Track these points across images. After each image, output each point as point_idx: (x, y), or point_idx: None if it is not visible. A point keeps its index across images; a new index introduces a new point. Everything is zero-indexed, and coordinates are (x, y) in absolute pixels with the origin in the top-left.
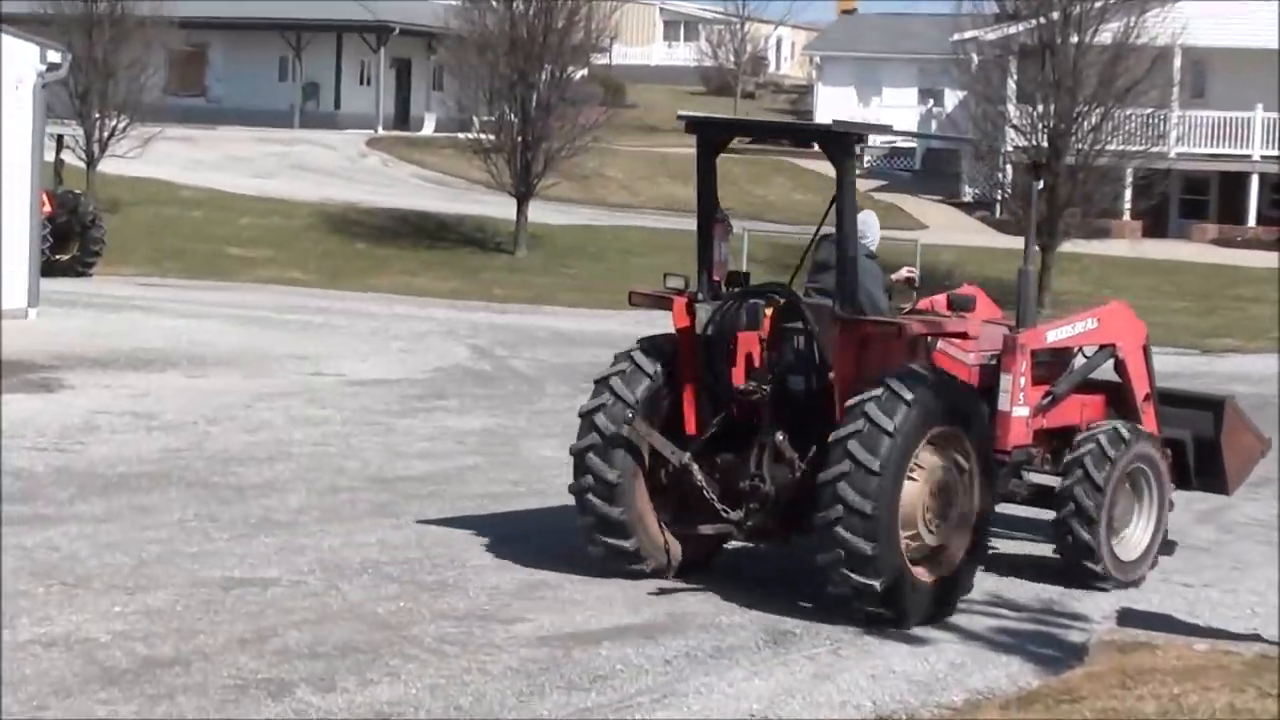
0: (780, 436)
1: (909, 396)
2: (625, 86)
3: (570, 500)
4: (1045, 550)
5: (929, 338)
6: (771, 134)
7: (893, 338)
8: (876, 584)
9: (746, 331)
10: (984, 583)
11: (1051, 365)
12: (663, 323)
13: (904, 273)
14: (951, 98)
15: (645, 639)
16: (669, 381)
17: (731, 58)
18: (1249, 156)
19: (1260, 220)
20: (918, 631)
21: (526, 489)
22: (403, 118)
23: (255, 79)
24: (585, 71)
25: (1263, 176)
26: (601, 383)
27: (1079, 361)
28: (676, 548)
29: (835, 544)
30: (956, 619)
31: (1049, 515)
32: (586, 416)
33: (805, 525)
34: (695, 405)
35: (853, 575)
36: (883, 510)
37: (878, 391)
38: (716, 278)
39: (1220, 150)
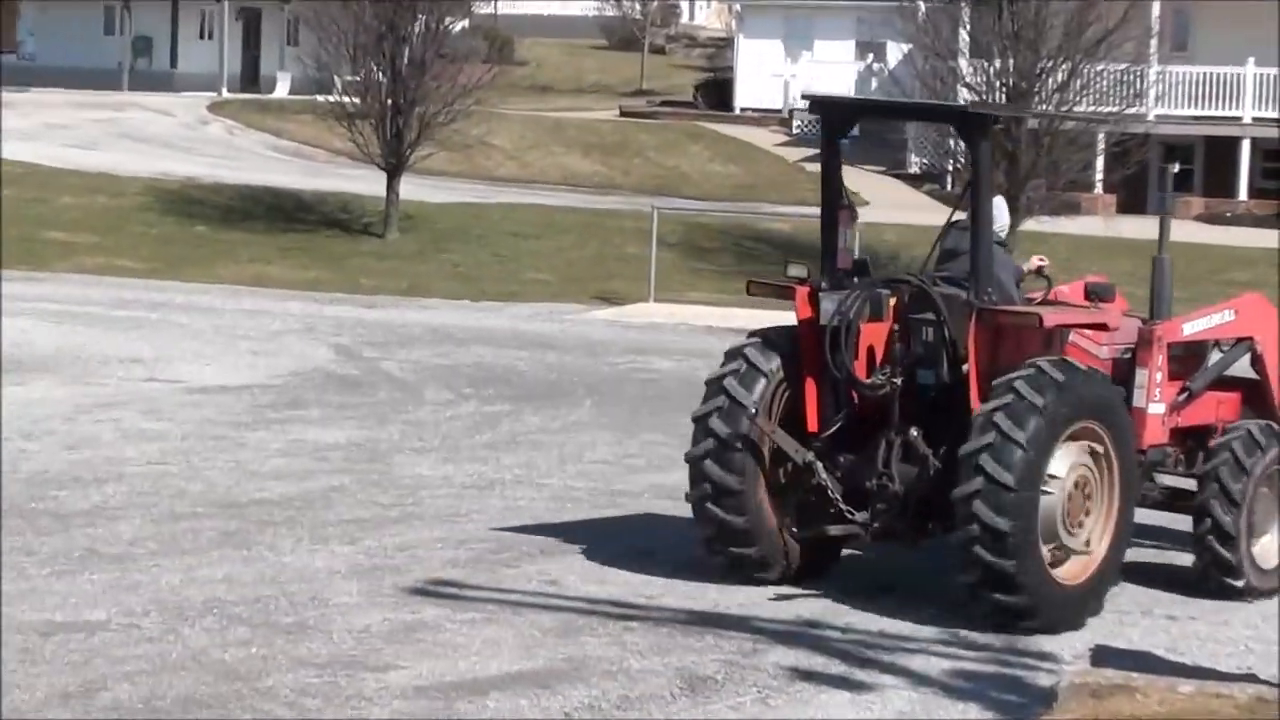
0: (915, 433)
1: (1040, 402)
2: (514, 40)
3: (455, 523)
4: None
5: (1065, 329)
6: (901, 115)
7: (1030, 329)
8: (1021, 600)
9: (873, 323)
10: (937, 617)
11: (1185, 360)
12: (543, 316)
13: (1035, 261)
14: (895, 52)
15: (540, 688)
16: (786, 377)
17: (637, 6)
18: (1239, 119)
19: (1253, 193)
20: (860, 676)
21: (400, 513)
22: (251, 78)
23: (76, 33)
24: (466, 22)
25: (1255, 142)
26: (714, 384)
27: (1214, 356)
28: (796, 551)
29: (974, 565)
30: (905, 660)
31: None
32: (701, 421)
33: (936, 527)
34: (818, 401)
35: (996, 595)
36: (1021, 525)
37: (1007, 399)
38: (841, 266)
39: (1206, 112)
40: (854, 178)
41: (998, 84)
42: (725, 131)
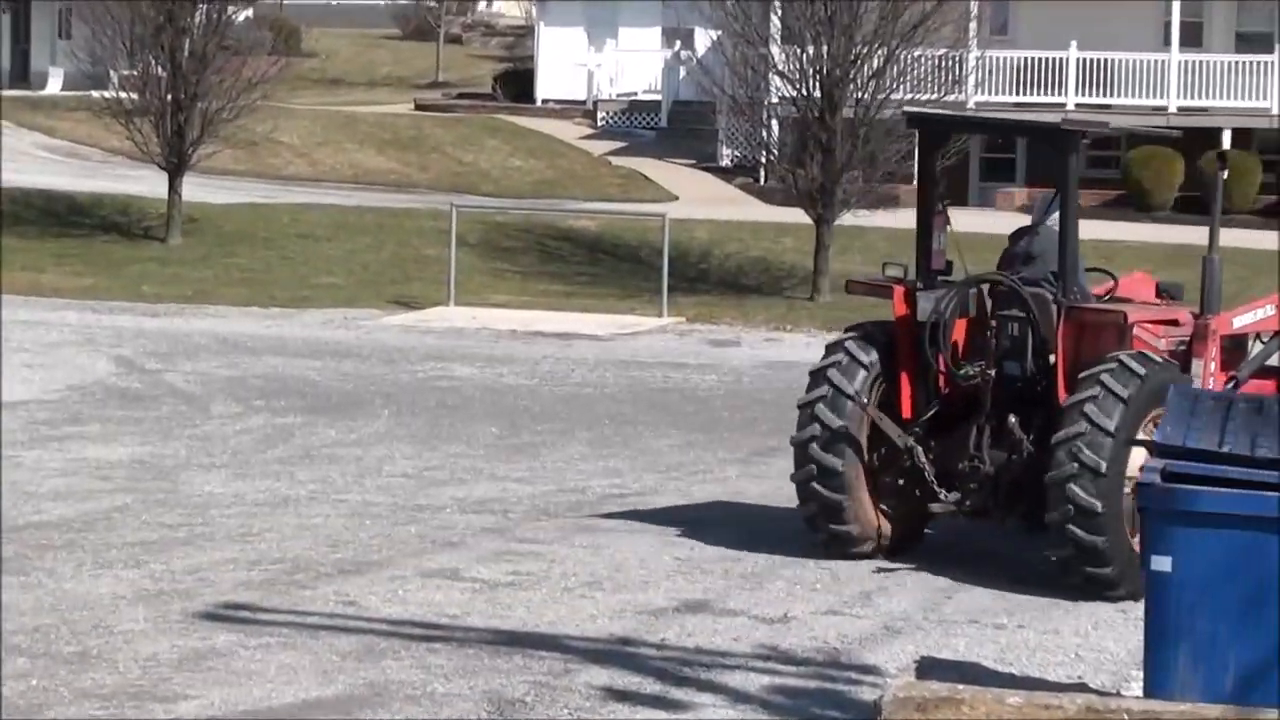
0: (1012, 420)
1: (1125, 394)
2: (301, 30)
3: (247, 543)
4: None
5: (1138, 325)
6: (994, 132)
7: (1113, 326)
8: (1110, 572)
9: (965, 319)
10: (754, 631)
11: (1231, 351)
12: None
13: None
14: (703, 39)
15: (341, 715)
16: (882, 369)
17: None
18: (1063, 105)
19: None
20: (676, 694)
21: (188, 533)
22: (20, 74)
23: None
24: (250, 13)
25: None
26: (818, 374)
27: (1256, 348)
28: (886, 528)
29: (1067, 542)
30: (723, 676)
31: None
32: (806, 408)
33: (1025, 511)
34: (911, 390)
35: (1088, 569)
36: (1111, 505)
37: (1094, 391)
38: (935, 268)
39: (1028, 98)
40: (660, 171)
41: (811, 71)
42: (526, 124)
